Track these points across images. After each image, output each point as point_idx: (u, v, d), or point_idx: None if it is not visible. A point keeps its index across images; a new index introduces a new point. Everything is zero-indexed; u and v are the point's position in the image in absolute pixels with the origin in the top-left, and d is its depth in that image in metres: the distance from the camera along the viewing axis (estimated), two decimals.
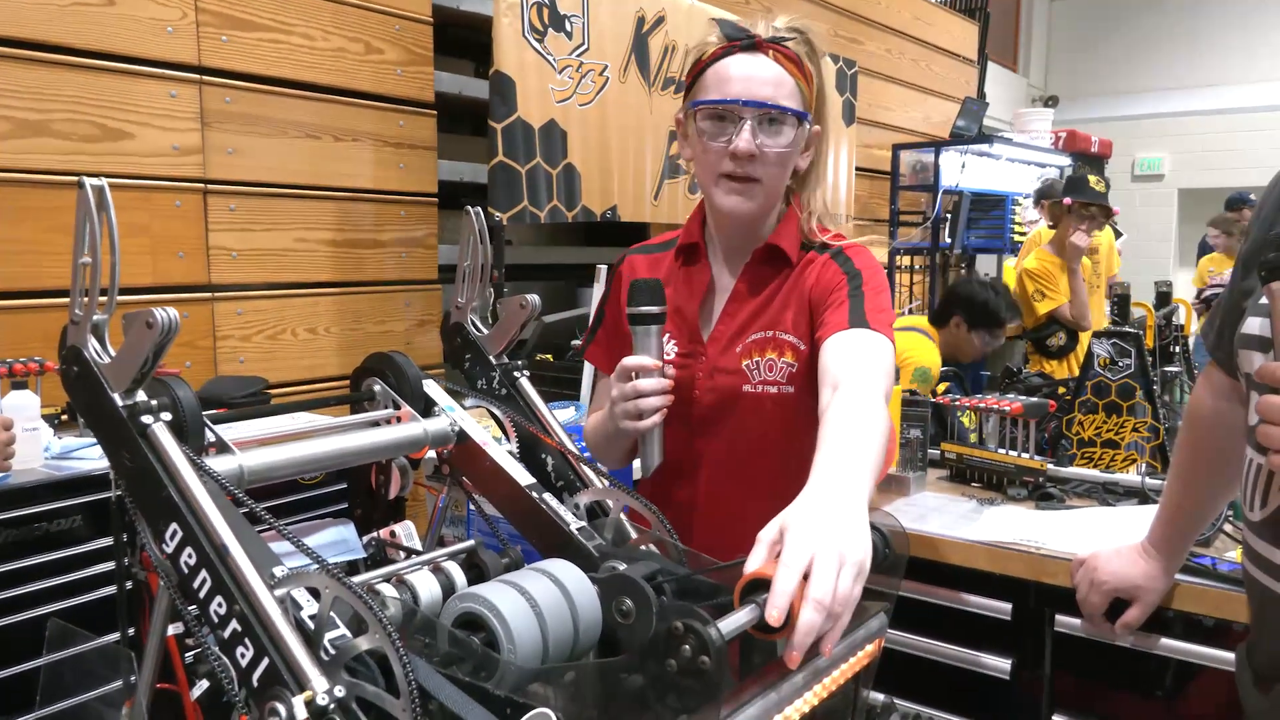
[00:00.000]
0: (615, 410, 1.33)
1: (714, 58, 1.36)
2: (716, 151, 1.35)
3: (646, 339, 1.33)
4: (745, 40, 1.35)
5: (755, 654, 0.88)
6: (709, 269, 1.48)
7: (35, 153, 2.31)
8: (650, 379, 1.31)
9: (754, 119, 1.32)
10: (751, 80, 1.33)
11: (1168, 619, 1.59)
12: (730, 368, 1.43)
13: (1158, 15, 11.07)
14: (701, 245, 1.49)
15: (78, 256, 0.88)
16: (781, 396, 1.41)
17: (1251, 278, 1.22)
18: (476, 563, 1.03)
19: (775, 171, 1.37)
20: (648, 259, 1.55)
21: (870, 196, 6.03)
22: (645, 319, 1.33)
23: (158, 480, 0.86)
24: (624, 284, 1.44)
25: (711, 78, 1.36)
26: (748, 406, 1.42)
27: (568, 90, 3.26)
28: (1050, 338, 4.39)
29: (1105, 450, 2.19)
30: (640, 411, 1.31)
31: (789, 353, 1.41)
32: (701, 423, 1.45)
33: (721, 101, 1.33)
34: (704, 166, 1.39)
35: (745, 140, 1.32)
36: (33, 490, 1.77)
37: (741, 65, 1.34)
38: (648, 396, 1.31)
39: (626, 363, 1.33)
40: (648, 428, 1.32)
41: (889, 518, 0.98)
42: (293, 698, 0.74)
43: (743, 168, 1.34)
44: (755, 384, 1.42)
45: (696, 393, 1.44)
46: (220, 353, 2.71)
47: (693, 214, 1.51)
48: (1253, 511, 1.18)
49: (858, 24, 5.85)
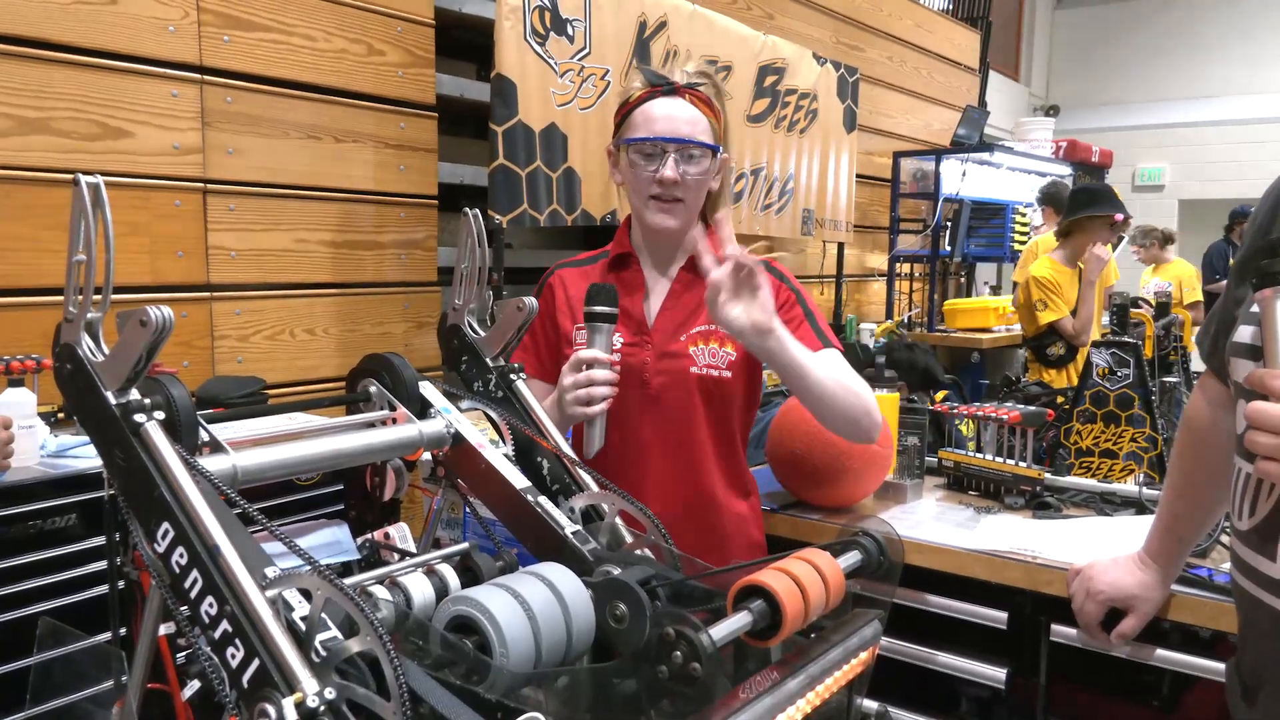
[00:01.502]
0: (565, 398, 1.49)
1: (640, 100, 1.62)
2: (646, 179, 1.61)
3: (599, 336, 1.51)
4: (666, 86, 1.62)
5: (749, 660, 0.88)
6: (641, 274, 1.72)
7: (35, 150, 2.31)
8: (603, 370, 1.49)
9: (676, 153, 1.59)
10: (673, 120, 1.60)
11: (1163, 629, 1.59)
12: (679, 352, 1.66)
13: (1160, 25, 11.10)
14: (633, 255, 1.73)
15: (72, 254, 0.88)
16: (721, 380, 1.66)
17: (1244, 286, 1.22)
18: (470, 565, 1.03)
19: (694, 193, 1.63)
20: (577, 271, 1.76)
21: (870, 203, 6.04)
22: (601, 318, 1.51)
23: (150, 479, 0.86)
24: (556, 296, 1.73)
25: (639, 118, 1.61)
26: (693, 387, 1.65)
27: (569, 94, 3.26)
28: (1050, 347, 4.38)
29: (1103, 460, 2.19)
30: (590, 399, 1.48)
31: (729, 344, 1.66)
32: (651, 402, 1.66)
33: (649, 139, 1.59)
34: (636, 190, 1.64)
35: (670, 170, 1.59)
36: (27, 488, 1.76)
37: (663, 107, 1.60)
38: (599, 386, 1.48)
39: (581, 355, 1.50)
40: (596, 413, 1.50)
41: (883, 524, 0.98)
42: (283, 699, 0.74)
43: (669, 191, 1.61)
44: (701, 367, 1.65)
45: (646, 375, 1.66)
46: (218, 352, 2.70)
47: (620, 231, 1.76)
48: (1241, 520, 1.18)
49: (860, 31, 5.86)
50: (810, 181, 4.78)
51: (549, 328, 1.74)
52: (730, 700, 0.77)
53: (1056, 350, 4.37)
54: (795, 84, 4.53)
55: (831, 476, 1.98)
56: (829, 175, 4.93)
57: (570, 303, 1.72)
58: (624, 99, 1.66)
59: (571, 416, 1.51)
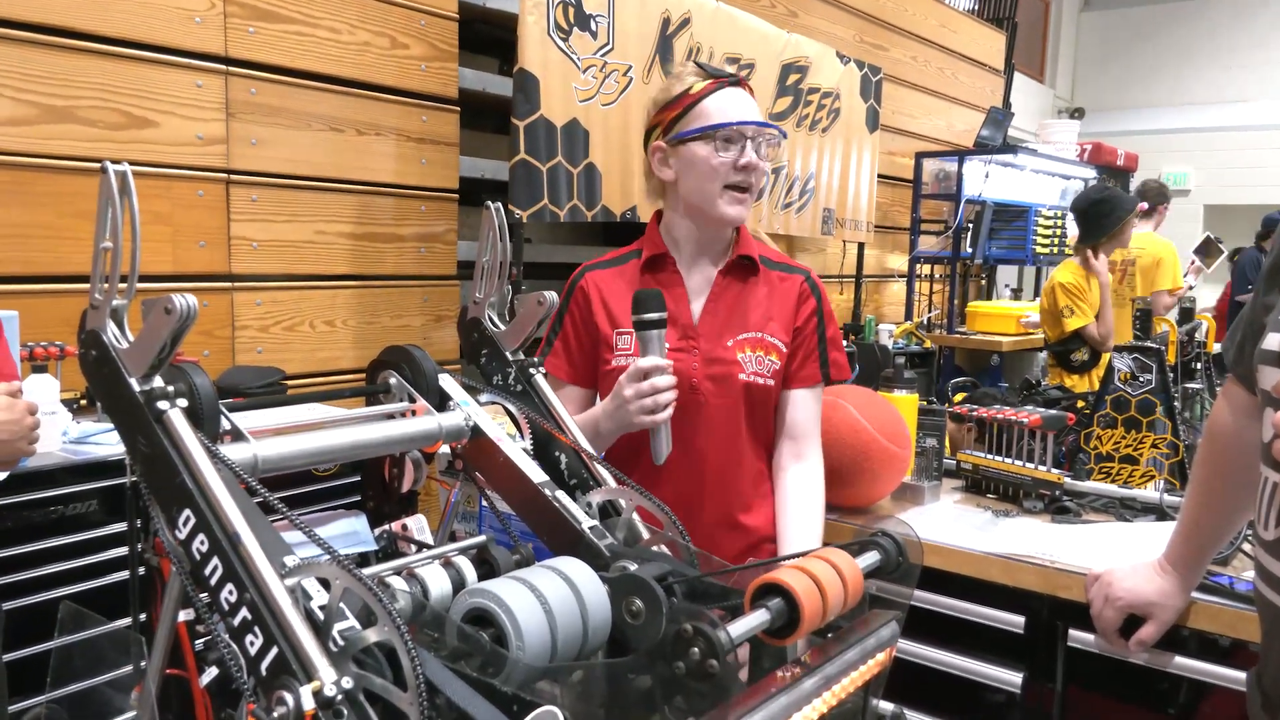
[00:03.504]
0: (630, 408, 1.50)
1: (704, 93, 1.59)
2: (725, 167, 1.58)
3: (652, 343, 1.50)
4: (730, 78, 1.61)
5: (765, 658, 0.87)
6: (679, 274, 1.69)
7: (60, 138, 2.33)
8: (665, 378, 1.49)
9: (756, 138, 1.58)
10: (747, 109, 1.60)
11: (1183, 637, 1.58)
12: (727, 358, 1.65)
13: (1186, 29, 10.99)
14: (668, 255, 1.69)
15: (99, 241, 0.89)
16: (767, 388, 1.67)
17: (1273, 293, 1.20)
18: (487, 559, 1.03)
19: (759, 182, 1.63)
20: (609, 272, 1.73)
21: (892, 204, 6.01)
22: (651, 324, 1.50)
23: (172, 466, 0.86)
24: (591, 299, 1.69)
25: (709, 107, 1.59)
26: (740, 392, 1.65)
27: (591, 90, 3.26)
28: (1074, 352, 4.35)
29: (1124, 465, 2.17)
30: (657, 406, 1.49)
31: (774, 354, 1.67)
32: (699, 406, 1.64)
33: (735, 124, 1.57)
34: (709, 180, 1.59)
35: (750, 155, 1.57)
36: (50, 473, 1.78)
37: (733, 97, 1.60)
38: (663, 393, 1.49)
39: (642, 364, 1.50)
40: (664, 420, 1.51)
41: (903, 525, 0.98)
42: (300, 687, 0.74)
43: (747, 179, 1.59)
44: (749, 374, 1.65)
45: (695, 379, 1.65)
46: (238, 342, 2.72)
47: (650, 229, 1.73)
48: (1266, 530, 1.16)
49: (883, 30, 5.82)
50: (831, 181, 4.77)
51: (583, 332, 1.71)
52: (747, 698, 0.77)
53: (1080, 355, 4.34)
54: (818, 83, 4.51)
55: (850, 477, 1.97)
56: (850, 175, 4.91)
57: (607, 305, 1.69)
58: (676, 94, 1.62)
59: (636, 425, 1.51)
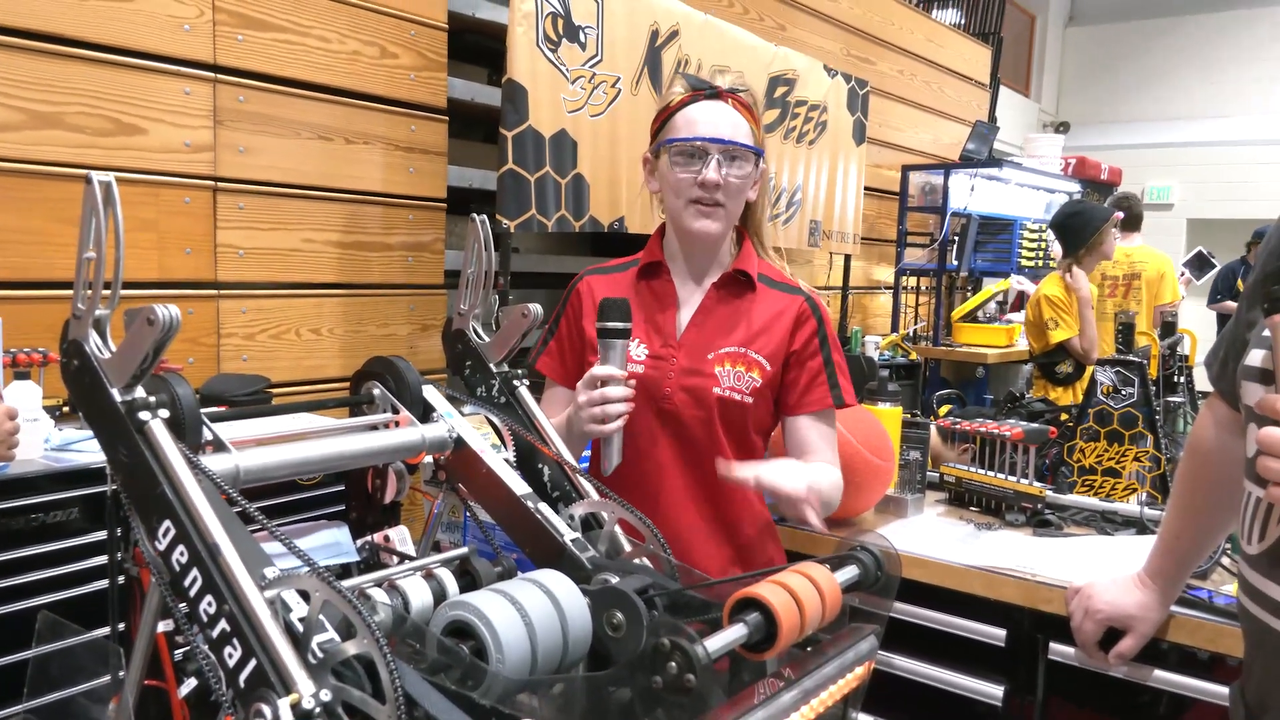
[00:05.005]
0: (581, 415, 1.48)
1: (681, 105, 1.60)
2: (688, 181, 1.58)
3: (613, 351, 1.48)
4: (709, 90, 1.60)
5: (744, 672, 0.88)
6: (672, 284, 1.68)
7: (47, 145, 2.32)
8: (617, 388, 1.47)
9: (719, 154, 1.56)
10: (716, 122, 1.57)
11: (1162, 650, 1.59)
12: (704, 371, 1.62)
13: (1171, 44, 11.10)
14: (664, 264, 1.69)
15: (82, 251, 0.89)
16: (743, 405, 1.62)
17: (1256, 310, 1.21)
18: (469, 570, 1.03)
19: (734, 198, 1.60)
20: (606, 279, 1.73)
21: (878, 216, 6.04)
22: (614, 333, 1.48)
23: (152, 476, 0.86)
24: (584, 302, 1.69)
25: (681, 120, 1.59)
26: (713, 406, 1.61)
27: (579, 101, 3.27)
28: (1058, 364, 4.38)
29: (1106, 479, 2.18)
30: (606, 416, 1.46)
31: (756, 370, 1.63)
32: (670, 417, 1.62)
33: (693, 139, 1.57)
34: (676, 194, 1.61)
35: (712, 172, 1.56)
36: (30, 481, 1.77)
37: (706, 110, 1.58)
38: (614, 403, 1.46)
39: (596, 372, 1.48)
40: (612, 431, 1.47)
41: (880, 539, 0.98)
42: (278, 700, 0.74)
43: (710, 194, 1.57)
44: (724, 389, 1.61)
45: (667, 390, 1.62)
46: (223, 350, 2.71)
47: (652, 238, 1.73)
48: (1250, 545, 1.17)
49: (870, 44, 5.86)
50: (818, 193, 4.79)
51: (574, 334, 1.71)
52: (725, 712, 0.77)
53: (1064, 368, 4.37)
54: (805, 95, 4.54)
55: None
56: (837, 187, 4.93)
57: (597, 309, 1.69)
58: (663, 105, 1.64)
59: (586, 434, 1.49)
